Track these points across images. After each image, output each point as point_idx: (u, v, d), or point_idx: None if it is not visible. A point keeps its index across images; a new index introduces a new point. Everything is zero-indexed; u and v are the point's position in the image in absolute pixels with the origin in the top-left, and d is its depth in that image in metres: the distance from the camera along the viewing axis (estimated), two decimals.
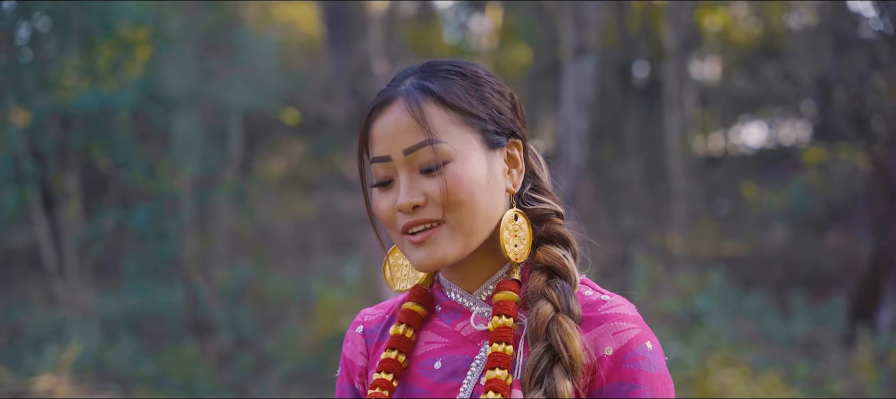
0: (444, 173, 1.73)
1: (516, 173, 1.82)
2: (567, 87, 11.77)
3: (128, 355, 11.24)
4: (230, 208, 14.13)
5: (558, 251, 1.81)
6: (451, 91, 1.76)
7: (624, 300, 1.78)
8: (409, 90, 1.76)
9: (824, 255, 14.18)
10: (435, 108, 1.74)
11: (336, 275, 12.75)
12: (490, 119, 1.78)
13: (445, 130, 1.74)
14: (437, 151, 1.73)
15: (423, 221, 1.74)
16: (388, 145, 1.75)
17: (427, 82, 1.77)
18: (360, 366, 1.93)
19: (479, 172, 1.75)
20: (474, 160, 1.75)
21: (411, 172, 1.75)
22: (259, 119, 14.90)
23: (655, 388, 1.72)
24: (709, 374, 9.33)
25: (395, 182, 1.77)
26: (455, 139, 1.74)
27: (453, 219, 1.74)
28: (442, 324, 1.84)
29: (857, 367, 9.58)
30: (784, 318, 11.45)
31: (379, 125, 1.77)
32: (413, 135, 1.73)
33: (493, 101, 1.80)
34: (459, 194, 1.73)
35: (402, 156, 1.74)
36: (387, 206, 1.77)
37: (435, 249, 1.75)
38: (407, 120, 1.73)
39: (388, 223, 1.79)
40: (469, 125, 1.76)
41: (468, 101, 1.76)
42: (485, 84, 1.80)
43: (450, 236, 1.75)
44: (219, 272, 13.25)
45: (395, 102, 1.76)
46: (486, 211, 1.76)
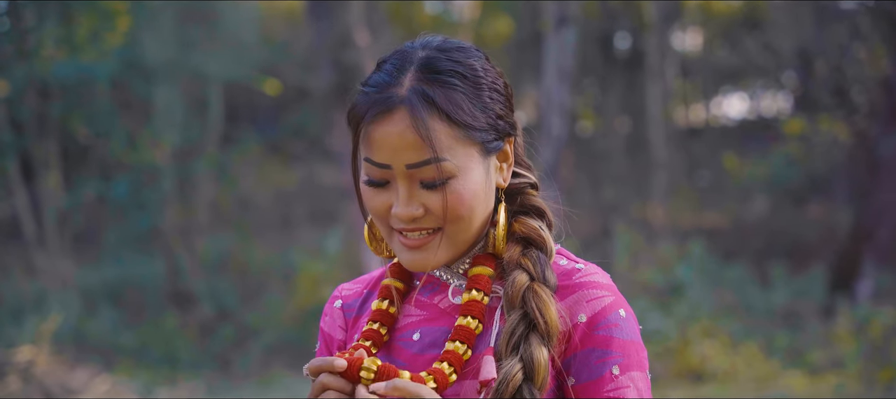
0: (446, 190, 1.72)
1: (506, 168, 1.82)
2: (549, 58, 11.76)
3: (108, 326, 11.22)
4: (211, 179, 14.09)
5: (534, 222, 1.81)
6: (455, 104, 1.72)
7: (598, 269, 1.79)
8: (414, 100, 1.71)
9: (804, 226, 14.25)
10: (440, 123, 1.71)
11: (317, 246, 12.75)
12: (490, 128, 1.76)
13: (449, 147, 1.72)
14: (440, 169, 1.71)
15: (419, 228, 1.75)
16: (390, 155, 1.72)
17: (430, 90, 1.72)
18: (339, 339, 1.93)
19: (478, 185, 1.75)
20: (474, 173, 1.74)
21: (411, 183, 1.73)
22: (239, 89, 14.84)
23: (628, 355, 1.72)
24: (689, 345, 9.38)
25: (392, 185, 1.75)
26: (458, 155, 1.72)
27: (451, 230, 1.75)
28: (421, 297, 1.85)
29: (836, 338, 9.64)
30: (764, 289, 11.51)
31: (380, 131, 1.73)
32: (417, 152, 1.70)
33: (493, 106, 1.77)
34: (460, 210, 1.73)
35: (403, 168, 1.72)
36: (381, 204, 1.76)
37: (427, 256, 1.76)
38: (412, 136, 1.70)
39: (380, 218, 1.78)
40: (470, 139, 1.74)
41: (472, 114, 1.74)
42: (484, 86, 1.77)
43: (445, 245, 1.76)
44: (200, 243, 13.23)
45: (398, 111, 1.72)
46: (482, 217, 1.78)
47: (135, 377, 9.65)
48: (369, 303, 1.92)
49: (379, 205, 1.76)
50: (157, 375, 10.04)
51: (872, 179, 11.79)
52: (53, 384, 8.38)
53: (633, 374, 1.73)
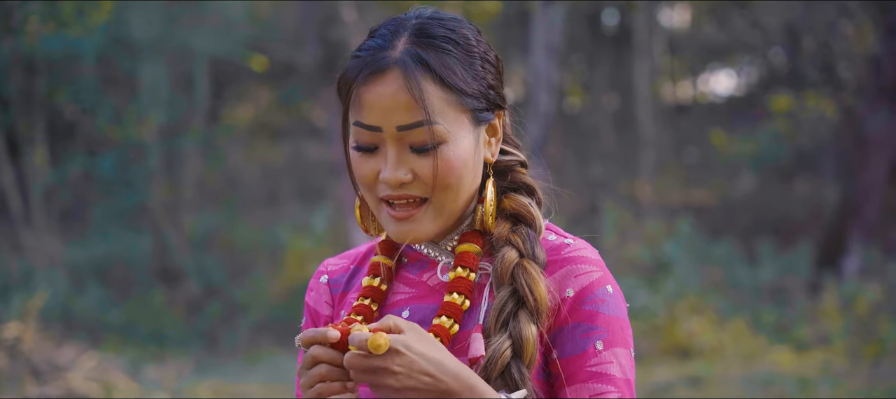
0: (436, 155, 1.71)
1: (495, 142, 1.81)
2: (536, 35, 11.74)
3: (95, 303, 11.20)
4: (198, 156, 14.05)
5: (523, 199, 1.81)
6: (448, 68, 1.72)
7: (587, 244, 1.78)
8: (407, 62, 1.71)
9: (791, 202, 14.29)
10: (433, 86, 1.70)
11: (305, 223, 12.73)
12: (481, 97, 1.75)
13: (441, 111, 1.71)
14: (433, 133, 1.70)
15: (407, 197, 1.73)
16: (381, 117, 1.71)
17: (424, 53, 1.71)
18: (326, 315, 1.92)
19: (467, 154, 1.74)
20: (464, 141, 1.73)
21: (400, 147, 1.72)
22: (226, 66, 14.78)
23: (612, 331, 1.72)
24: (676, 321, 9.41)
25: (381, 150, 1.73)
26: (449, 120, 1.71)
27: (438, 199, 1.73)
28: (409, 274, 1.84)
29: (822, 314, 9.68)
30: (751, 266, 11.54)
31: (371, 92, 1.71)
32: (410, 113, 1.69)
33: (484, 75, 1.77)
34: (449, 178, 1.72)
35: (394, 130, 1.71)
36: (369, 171, 1.75)
37: (415, 227, 1.74)
38: (405, 97, 1.69)
39: (367, 187, 1.76)
40: (462, 105, 1.73)
41: (464, 80, 1.73)
42: (476, 55, 1.76)
43: (432, 217, 1.74)
44: (187, 220, 13.20)
45: (391, 72, 1.71)
46: (469, 188, 1.76)
47: (122, 354, 9.64)
48: (356, 278, 1.91)
49: (367, 172, 1.75)
50: (145, 352, 10.03)
51: (859, 156, 11.82)
52: (40, 361, 8.36)
53: (616, 350, 1.72)
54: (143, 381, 8.62)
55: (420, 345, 1.59)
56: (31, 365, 8.25)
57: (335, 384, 1.62)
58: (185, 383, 8.69)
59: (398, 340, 1.58)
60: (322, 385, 1.62)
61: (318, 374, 1.62)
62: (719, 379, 8.20)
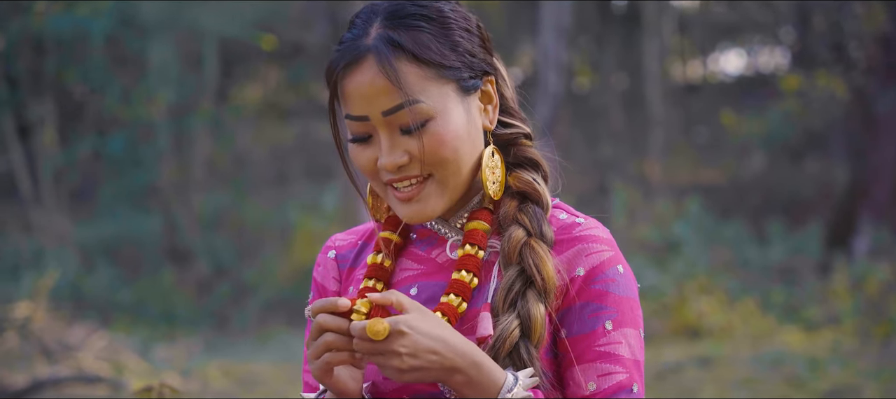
0: (424, 133, 1.70)
1: (491, 109, 1.80)
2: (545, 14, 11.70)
3: (105, 283, 11.23)
4: (207, 136, 14.06)
5: (529, 175, 1.79)
6: (421, 44, 1.71)
7: (598, 223, 1.77)
8: (379, 46, 1.70)
9: (801, 182, 14.26)
10: (408, 65, 1.70)
11: (314, 203, 12.74)
12: (463, 66, 1.74)
13: (422, 88, 1.70)
14: (415, 112, 1.69)
15: (408, 177, 1.72)
16: (365, 106, 1.71)
17: (395, 34, 1.71)
18: (333, 290, 1.91)
19: (460, 125, 1.72)
20: (454, 113, 1.72)
21: (392, 131, 1.72)
22: (235, 45, 14.77)
23: (622, 311, 1.71)
24: (686, 302, 9.41)
25: (375, 138, 1.74)
26: (432, 96, 1.70)
27: (439, 174, 1.72)
28: (417, 251, 1.83)
29: (832, 294, 9.67)
30: (761, 246, 11.52)
31: (352, 83, 1.72)
32: (390, 97, 1.69)
33: (464, 44, 1.75)
34: (443, 152, 1.71)
35: (380, 116, 1.71)
36: (367, 160, 1.75)
37: (424, 206, 1.73)
38: (382, 81, 1.69)
39: (370, 175, 1.77)
40: (444, 77, 1.72)
41: (440, 53, 1.72)
42: (453, 26, 1.75)
43: (438, 191, 1.73)
44: (196, 200, 13.22)
45: (366, 60, 1.71)
46: (470, 158, 1.75)
47: (132, 333, 9.67)
48: (364, 254, 1.90)
49: (366, 161, 1.75)
50: (155, 332, 10.06)
51: (869, 136, 11.78)
52: (51, 340, 8.39)
53: (626, 330, 1.71)
54: (153, 360, 8.65)
55: (423, 324, 1.59)
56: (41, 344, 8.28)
57: (342, 353, 1.61)
58: (195, 363, 8.72)
59: (400, 321, 1.57)
60: (329, 354, 1.61)
61: (325, 343, 1.60)
62: (729, 359, 8.19)
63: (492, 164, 1.77)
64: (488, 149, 1.77)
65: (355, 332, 1.57)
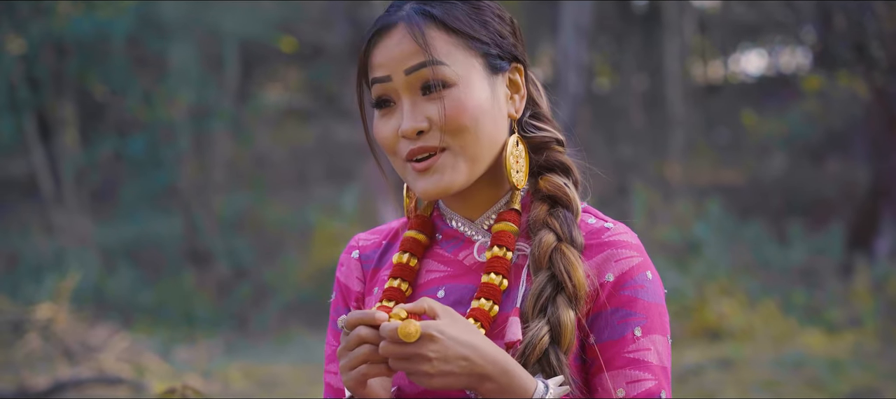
0: (445, 97, 1.71)
1: (518, 99, 1.81)
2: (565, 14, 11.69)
3: (127, 284, 11.27)
4: (227, 137, 14.09)
5: (560, 179, 1.79)
6: (452, 15, 1.74)
7: (627, 229, 1.77)
8: (411, 14, 1.74)
9: (822, 183, 14.18)
10: (437, 31, 1.73)
11: (334, 204, 12.75)
12: (492, 42, 1.77)
13: (448, 53, 1.72)
14: (437, 72, 1.71)
15: (426, 149, 1.73)
16: (389, 67, 1.73)
17: (427, 6, 1.75)
18: (357, 291, 1.90)
19: (482, 97, 1.73)
20: (477, 85, 1.73)
21: (413, 96, 1.73)
22: (256, 47, 14.80)
23: (651, 317, 1.71)
24: (706, 303, 9.37)
25: (397, 106, 1.75)
26: (457, 63, 1.73)
27: (457, 144, 1.72)
28: (443, 252, 1.83)
29: (854, 295, 9.61)
30: (781, 247, 11.47)
31: (379, 49, 1.75)
32: (414, 57, 1.72)
33: (495, 25, 1.78)
34: (463, 119, 1.71)
35: (403, 77, 1.72)
36: (389, 131, 1.76)
37: (441, 177, 1.73)
38: (408, 42, 1.72)
39: (390, 150, 1.77)
40: (471, 49, 1.74)
41: (470, 25, 1.75)
42: (485, 8, 1.79)
43: (454, 163, 1.73)
44: (216, 201, 13.25)
45: (396, 27, 1.74)
46: (491, 136, 1.75)
47: (153, 335, 9.70)
48: (389, 255, 1.90)
49: (388, 133, 1.76)
50: (176, 333, 10.09)
51: (891, 136, 11.71)
52: (73, 342, 8.43)
53: (654, 337, 1.71)
54: (173, 361, 8.67)
55: (454, 329, 1.58)
56: (63, 346, 8.32)
57: (379, 366, 1.59)
58: (216, 364, 8.74)
59: (431, 326, 1.56)
60: (366, 367, 1.60)
61: (362, 356, 1.59)
62: (750, 361, 8.16)
63: (516, 153, 1.77)
64: (513, 137, 1.77)
65: (385, 333, 1.56)
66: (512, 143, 1.76)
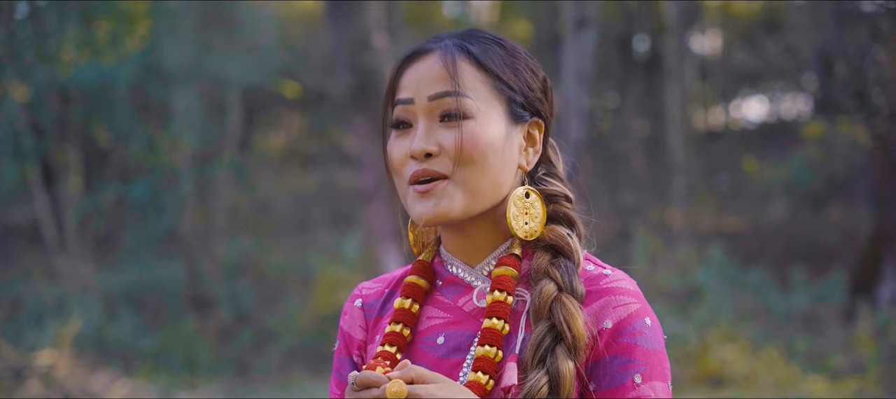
0: (461, 127, 1.74)
1: (532, 152, 1.84)
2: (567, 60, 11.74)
3: (128, 330, 11.25)
4: (230, 183, 14.12)
5: (563, 230, 1.81)
6: (487, 54, 1.80)
7: (625, 275, 1.78)
8: (448, 46, 1.79)
9: (824, 229, 14.18)
10: (468, 65, 1.78)
11: (336, 250, 12.75)
12: (519, 91, 1.81)
13: (474, 88, 1.77)
14: (460, 103, 1.75)
15: (430, 173, 1.75)
16: (415, 89, 1.78)
17: (467, 43, 1.80)
18: (359, 339, 1.92)
19: (495, 137, 1.77)
20: (494, 125, 1.77)
21: (431, 121, 1.77)
22: (259, 93, 14.87)
23: (651, 364, 1.72)
24: (709, 349, 9.34)
25: (414, 129, 1.78)
26: (481, 99, 1.77)
27: (460, 176, 1.75)
28: (443, 299, 1.84)
29: (857, 342, 9.59)
30: (784, 293, 11.45)
31: (410, 72, 1.80)
32: (441, 84, 1.76)
33: (526, 76, 1.83)
34: (473, 152, 1.74)
35: (425, 101, 1.77)
36: (400, 152, 1.79)
37: (437, 203, 1.75)
38: (438, 69, 1.77)
39: (398, 171, 1.80)
40: (498, 91, 1.78)
41: (501, 68, 1.80)
42: (521, 59, 1.83)
43: (453, 192, 1.75)
44: (219, 247, 13.25)
45: (431, 54, 1.80)
46: (495, 177, 1.77)
47: (154, 381, 9.67)
48: (391, 302, 1.91)
49: (399, 154, 1.79)
50: (177, 379, 10.06)
51: (893, 183, 11.72)
52: (74, 388, 8.41)
53: (655, 383, 1.72)
54: None
55: (443, 393, 1.61)
56: (64, 391, 8.30)
57: None
58: None
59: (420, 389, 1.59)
60: None
61: None
62: None
63: (524, 205, 1.79)
64: (522, 188, 1.80)
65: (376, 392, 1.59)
66: (517, 194, 1.78)
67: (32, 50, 11.85)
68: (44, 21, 12.12)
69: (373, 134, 10.53)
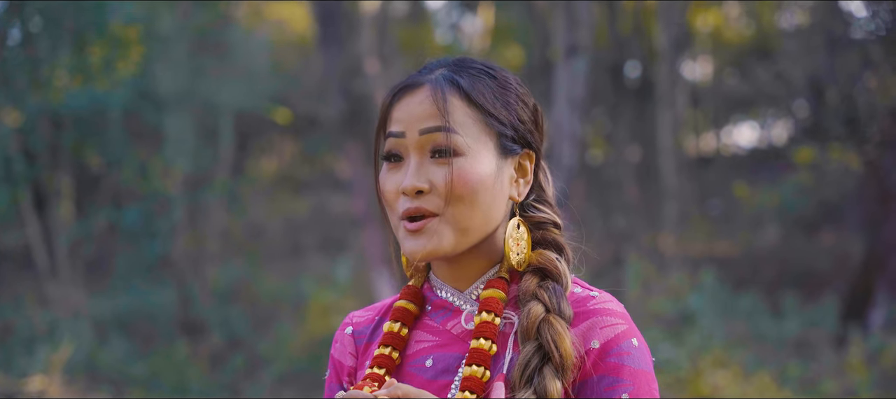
0: (452, 164, 1.74)
1: (523, 183, 1.84)
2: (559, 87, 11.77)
3: (119, 355, 11.21)
4: (222, 208, 14.11)
5: (551, 254, 1.82)
6: (477, 89, 1.79)
7: (612, 297, 1.80)
8: (439, 79, 1.79)
9: (816, 255, 14.21)
10: (459, 100, 1.77)
11: (327, 275, 12.74)
12: (509, 125, 1.81)
13: (464, 125, 1.76)
14: (450, 139, 1.75)
15: (421, 211, 1.76)
16: (406, 123, 1.78)
17: (457, 76, 1.80)
18: (350, 366, 1.93)
19: (486, 173, 1.77)
20: (485, 161, 1.77)
21: (422, 156, 1.77)
22: (251, 118, 14.88)
23: (638, 384, 1.72)
24: (701, 375, 9.34)
25: (405, 163, 1.79)
26: (471, 136, 1.76)
27: (450, 213, 1.75)
28: (432, 323, 1.85)
29: (848, 368, 9.60)
30: (776, 319, 11.46)
31: (401, 105, 1.79)
32: (431, 119, 1.76)
33: (516, 109, 1.83)
34: (462, 190, 1.74)
35: (416, 135, 1.77)
36: (392, 186, 1.80)
37: (428, 241, 1.76)
38: (429, 105, 1.76)
39: (389, 204, 1.81)
40: (488, 126, 1.78)
41: (492, 103, 1.79)
42: (512, 90, 1.83)
43: (443, 230, 1.76)
44: (210, 272, 13.24)
45: (422, 88, 1.79)
46: (486, 213, 1.77)
47: None
48: (381, 329, 1.93)
49: (391, 187, 1.79)
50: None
51: (884, 208, 11.75)
52: None
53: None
54: None
55: None
56: None
57: None
58: None
59: None
60: None
61: None
62: None
63: (517, 236, 1.80)
64: (514, 220, 1.81)
65: None
66: (512, 226, 1.80)
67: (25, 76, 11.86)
68: (36, 47, 12.14)
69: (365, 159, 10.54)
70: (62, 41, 11.92)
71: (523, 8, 16.77)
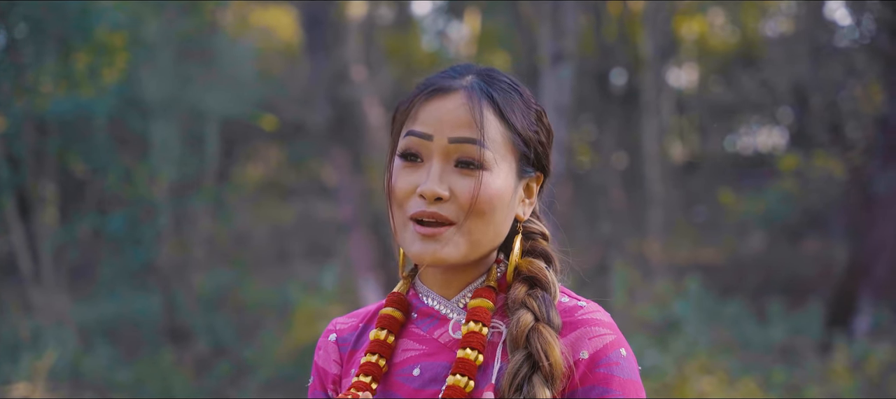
0: (479, 178, 1.74)
1: (527, 204, 1.86)
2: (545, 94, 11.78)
3: (104, 362, 11.18)
4: (208, 215, 14.08)
5: (540, 263, 1.83)
6: (510, 107, 1.80)
7: (599, 307, 1.80)
8: (474, 88, 1.78)
9: (801, 261, 14.24)
10: (492, 116, 1.77)
11: (314, 282, 12.72)
12: (531, 149, 1.82)
13: (494, 140, 1.77)
14: (482, 154, 1.75)
15: (438, 217, 1.75)
16: (435, 127, 1.76)
17: (491, 88, 1.79)
18: (334, 373, 1.92)
19: (505, 190, 1.78)
20: (505, 178, 1.79)
21: (445, 163, 1.76)
22: (237, 125, 14.85)
23: (627, 393, 1.73)
24: (686, 381, 9.35)
25: (425, 165, 1.78)
26: (498, 152, 1.77)
27: (467, 226, 1.76)
28: (418, 331, 1.85)
29: (833, 374, 9.62)
30: (761, 325, 11.49)
31: (432, 106, 1.78)
32: (466, 129, 1.75)
33: (538, 130, 1.84)
34: (484, 205, 1.75)
35: (445, 142, 1.75)
36: (408, 185, 1.78)
37: (440, 248, 1.76)
38: (465, 114, 1.76)
39: (399, 201, 1.80)
40: (513, 146, 1.79)
41: (522, 125, 1.81)
42: (534, 110, 1.86)
43: (456, 240, 1.76)
44: (196, 279, 13.20)
45: (457, 93, 1.78)
46: (497, 228, 1.79)
47: None
48: (365, 336, 1.92)
49: (406, 185, 1.78)
50: None
51: (868, 215, 11.79)
52: None
53: None
54: None
55: None
56: None
57: None
58: None
59: None
60: None
61: None
62: None
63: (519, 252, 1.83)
64: (519, 237, 1.84)
65: None
66: (518, 246, 1.82)
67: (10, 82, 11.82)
68: (21, 53, 12.11)
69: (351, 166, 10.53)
70: (47, 47, 11.88)
71: (509, 15, 16.79)
